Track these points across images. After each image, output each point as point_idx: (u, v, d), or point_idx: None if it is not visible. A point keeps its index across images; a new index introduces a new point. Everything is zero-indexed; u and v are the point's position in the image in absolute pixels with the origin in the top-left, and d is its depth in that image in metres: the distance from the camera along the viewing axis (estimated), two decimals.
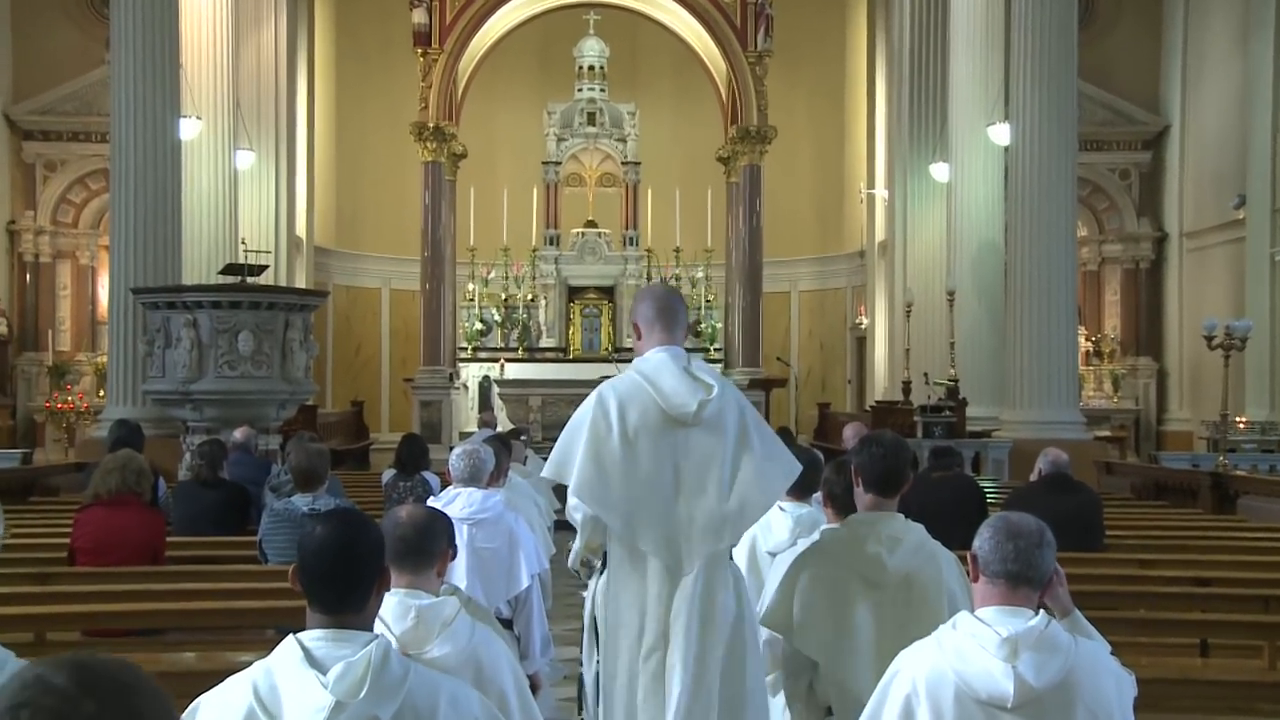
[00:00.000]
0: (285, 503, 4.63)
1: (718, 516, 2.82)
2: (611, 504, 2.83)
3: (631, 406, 2.88)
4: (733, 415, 2.90)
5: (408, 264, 19.08)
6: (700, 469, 2.84)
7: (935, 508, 5.36)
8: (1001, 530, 2.00)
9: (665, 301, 3.05)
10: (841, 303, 20.07)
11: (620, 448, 2.84)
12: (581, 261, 18.13)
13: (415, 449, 6.39)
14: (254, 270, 9.36)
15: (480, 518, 4.02)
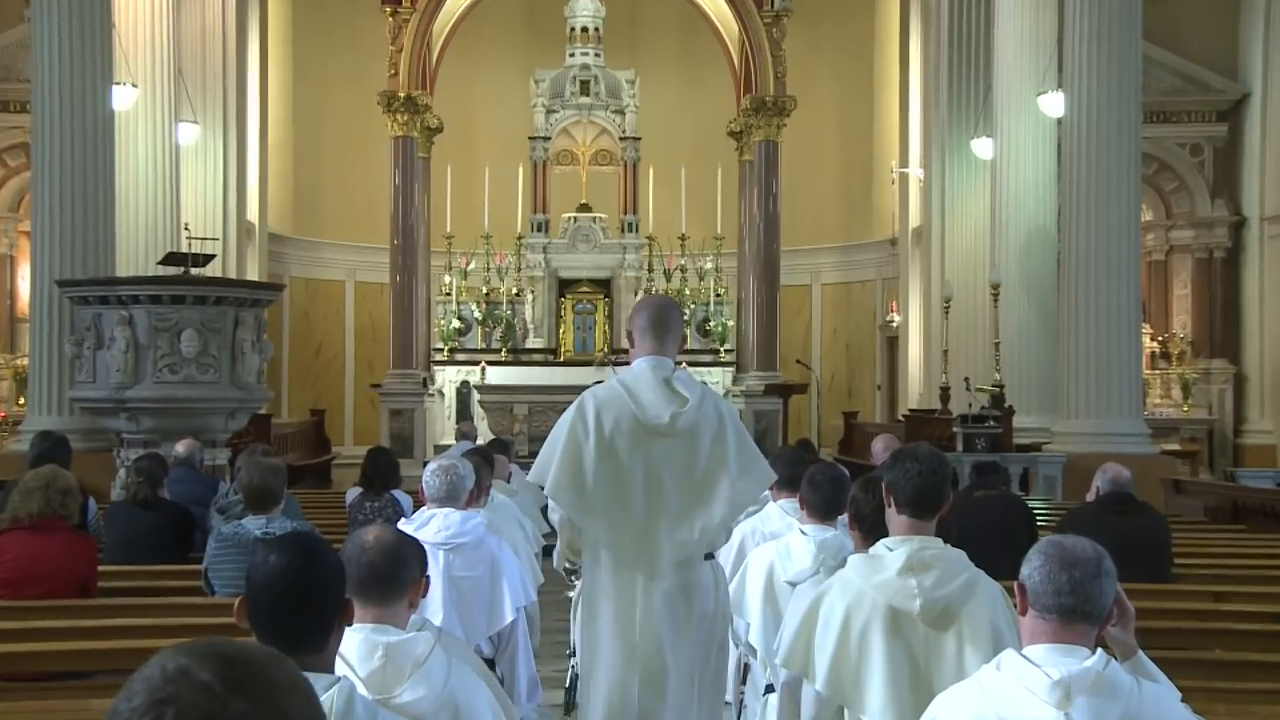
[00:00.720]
0: (234, 526, 4.64)
1: (688, 524, 3.40)
2: (585, 507, 3.41)
3: (608, 414, 3.45)
4: (710, 426, 3.46)
5: (375, 253, 19.10)
6: (674, 477, 3.42)
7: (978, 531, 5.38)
8: (1054, 557, 2.00)
9: (659, 313, 3.60)
10: (870, 297, 20.09)
11: (595, 453, 3.41)
12: (573, 251, 18.17)
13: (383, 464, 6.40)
14: (199, 260, 9.37)
15: (458, 542, 4.02)
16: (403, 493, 6.59)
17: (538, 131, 18.27)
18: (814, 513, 3.82)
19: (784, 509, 4.47)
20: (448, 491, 4.12)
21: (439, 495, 4.12)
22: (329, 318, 19.97)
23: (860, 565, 2.73)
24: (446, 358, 17.87)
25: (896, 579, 2.66)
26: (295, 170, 19.77)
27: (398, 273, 17.48)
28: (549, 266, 18.10)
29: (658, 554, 3.39)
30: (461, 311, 18.02)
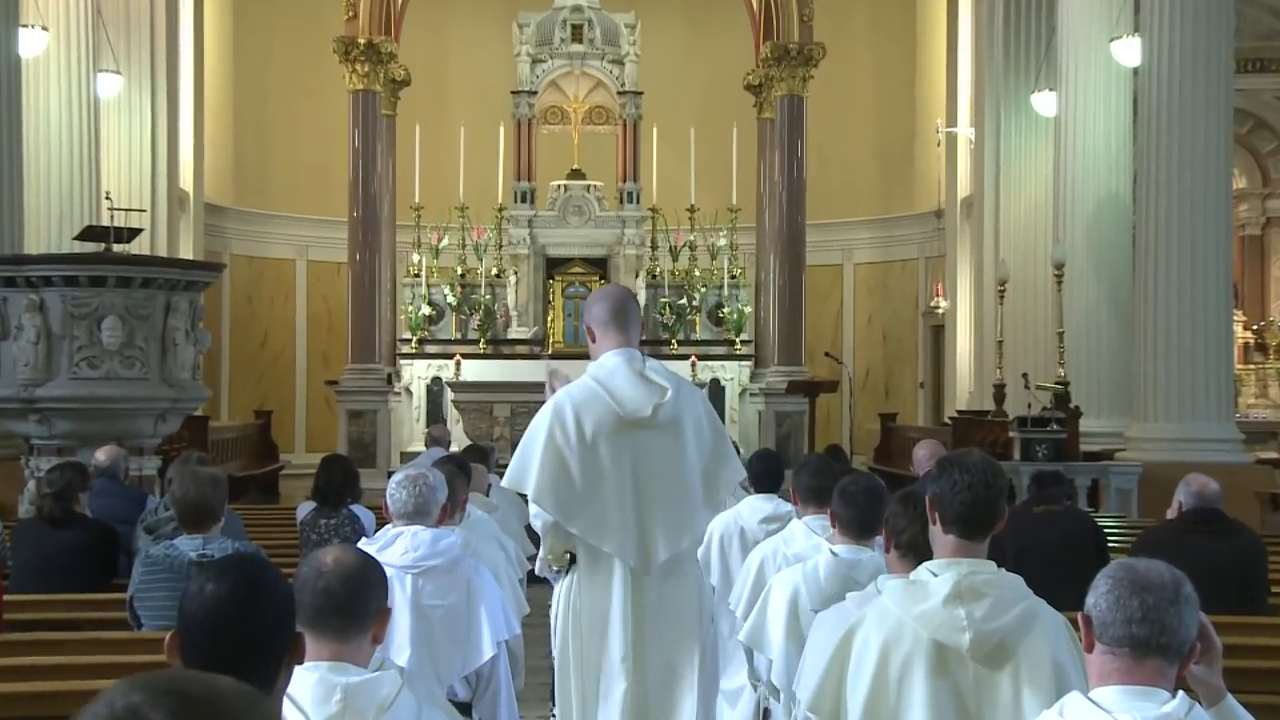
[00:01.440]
0: (165, 547, 4.64)
1: (678, 518, 3.98)
2: (572, 509, 3.92)
3: (587, 412, 3.94)
4: (690, 416, 4.04)
5: (331, 227, 19.12)
6: (659, 471, 3.98)
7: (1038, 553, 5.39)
8: (1124, 582, 2.01)
9: (618, 303, 4.11)
10: (912, 279, 20.11)
11: (579, 453, 3.92)
12: (564, 224, 18.19)
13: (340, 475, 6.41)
14: (123, 235, 9.35)
15: (429, 565, 4.03)
16: (363, 508, 6.59)
17: (522, 85, 18.26)
18: (847, 530, 3.83)
19: (810, 526, 4.48)
20: (416, 506, 4.12)
21: (405, 511, 4.12)
22: (276, 303, 20.00)
23: (899, 593, 2.72)
24: (415, 350, 17.90)
25: (942, 609, 2.65)
26: (236, 130, 19.78)
27: (358, 250, 17.50)
28: (535, 243, 18.12)
29: (654, 550, 3.96)
30: (432, 296, 18.05)
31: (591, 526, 3.97)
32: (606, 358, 4.12)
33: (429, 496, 4.14)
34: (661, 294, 18.14)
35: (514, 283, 17.86)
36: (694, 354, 17.54)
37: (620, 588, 3.96)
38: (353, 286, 17.46)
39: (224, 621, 1.77)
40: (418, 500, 4.11)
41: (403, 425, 17.70)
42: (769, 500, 5.40)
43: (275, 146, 19.85)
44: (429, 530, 4.08)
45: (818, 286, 19.51)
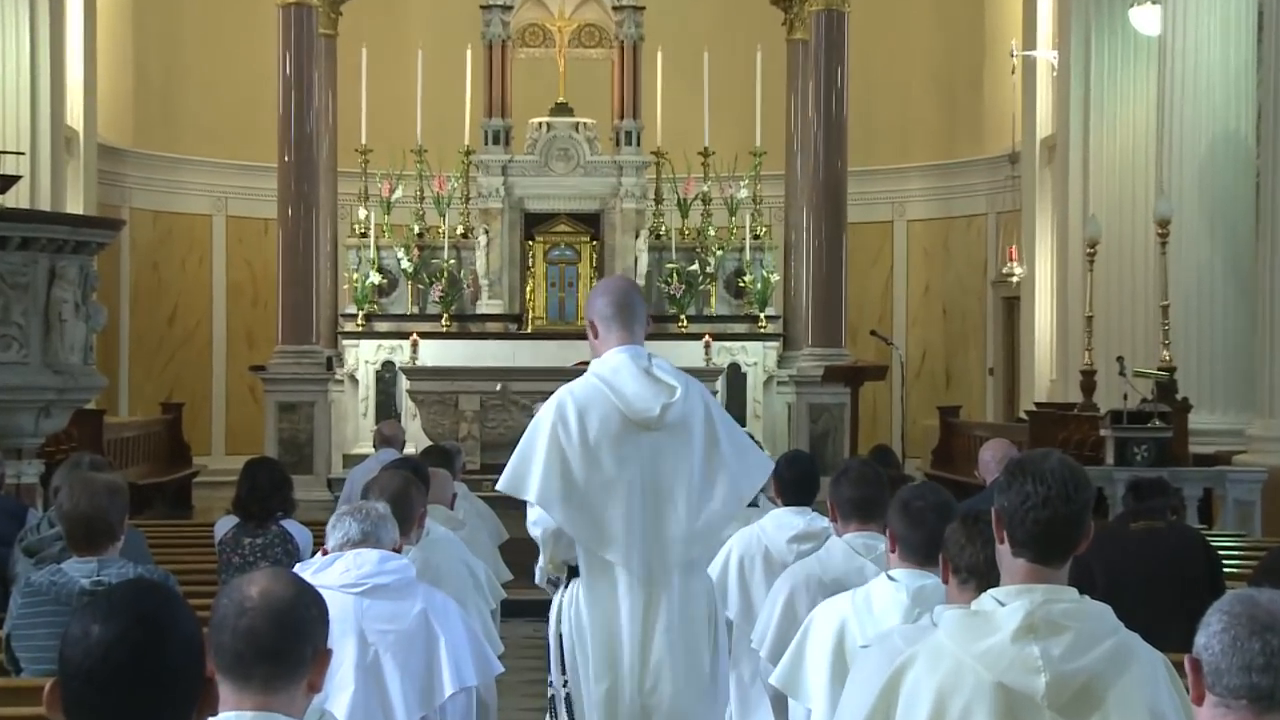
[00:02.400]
0: (51, 573, 4.64)
1: (689, 525, 4.55)
2: (578, 515, 4.49)
3: (592, 412, 4.52)
4: (699, 416, 4.63)
5: (257, 175, 19.13)
6: (668, 475, 4.56)
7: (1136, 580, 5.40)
8: (1243, 619, 2.02)
9: (623, 296, 4.73)
10: (979, 240, 20.13)
11: (583, 456, 4.48)
12: (546, 172, 18.21)
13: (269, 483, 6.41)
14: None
15: (376, 583, 4.06)
16: (297, 523, 6.61)
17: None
18: (910, 553, 3.84)
19: (852, 546, 4.50)
20: (363, 536, 4.18)
21: (351, 538, 4.18)
22: (189, 269, 20.03)
23: (958, 627, 2.71)
24: (362, 327, 17.93)
25: (1010, 646, 2.65)
26: (138, 55, 19.76)
27: (290, 204, 17.49)
28: (510, 196, 18.15)
29: (668, 558, 4.54)
30: (383, 260, 18.07)
31: (598, 535, 4.51)
32: (610, 355, 4.65)
33: (377, 530, 4.17)
34: (667, 258, 18.15)
35: (484, 244, 17.87)
36: (708, 333, 17.56)
37: (627, 600, 4.51)
38: (284, 249, 17.45)
39: (114, 670, 1.76)
40: (364, 529, 4.15)
41: (346, 421, 17.73)
42: (800, 514, 5.42)
43: (187, 75, 19.83)
44: (375, 551, 4.11)
45: (862, 249, 19.51)
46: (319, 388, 17.22)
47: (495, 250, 17.98)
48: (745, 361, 18.00)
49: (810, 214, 17.99)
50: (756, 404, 17.92)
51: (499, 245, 18.01)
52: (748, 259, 18.19)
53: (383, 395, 17.69)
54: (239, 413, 19.56)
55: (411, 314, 18.07)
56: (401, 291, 18.13)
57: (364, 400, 17.76)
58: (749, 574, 5.36)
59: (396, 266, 18.02)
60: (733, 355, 17.95)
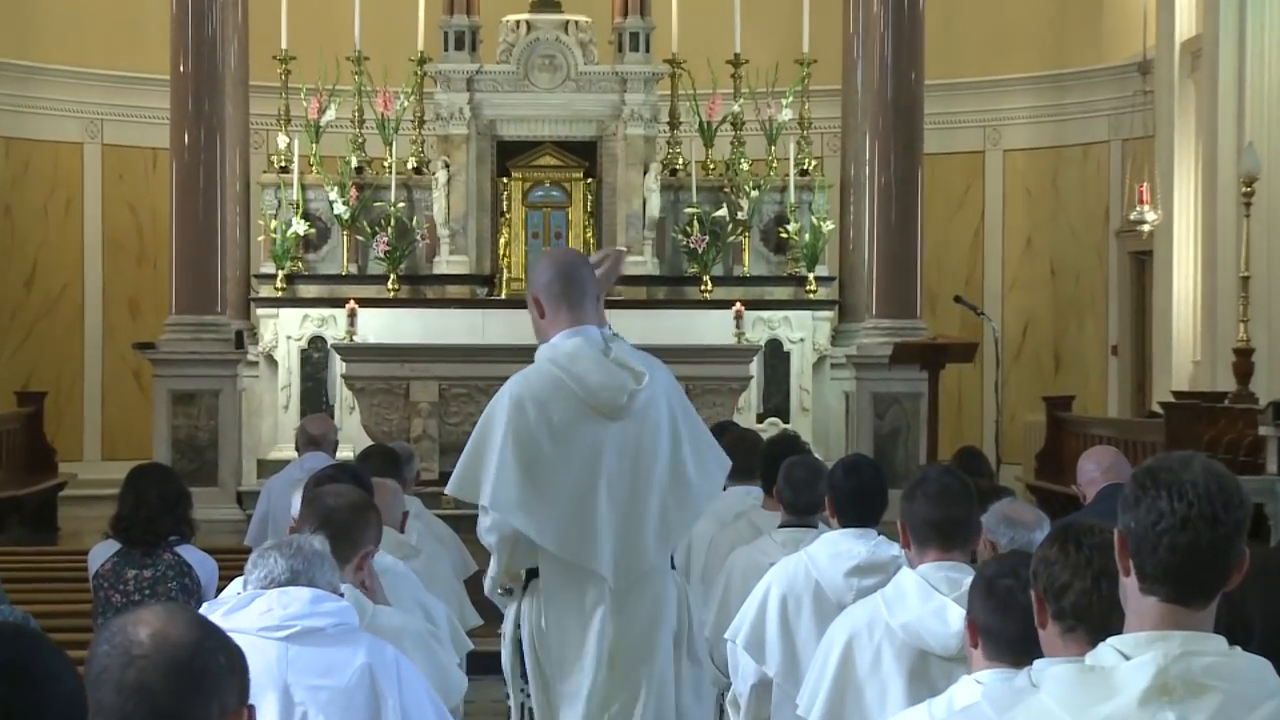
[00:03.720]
0: None
1: (658, 520, 5.43)
2: (544, 520, 5.28)
3: (553, 404, 5.31)
4: (662, 403, 5.48)
5: (142, 91, 19.13)
6: (633, 468, 5.40)
7: None
8: None
9: (569, 269, 5.51)
10: (1098, 177, 20.09)
11: (548, 453, 5.28)
12: (527, 86, 18.22)
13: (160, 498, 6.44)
14: None
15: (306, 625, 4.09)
16: (197, 550, 6.64)
17: None
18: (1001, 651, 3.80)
19: (929, 581, 4.52)
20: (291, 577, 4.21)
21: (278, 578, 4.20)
22: (52, 215, 20.00)
23: (1067, 688, 2.70)
24: (281, 292, 17.96)
25: (1139, 713, 2.65)
26: None
27: (186, 129, 17.43)
28: (479, 118, 18.18)
29: (642, 561, 5.41)
30: (311, 204, 18.11)
31: (570, 540, 5.32)
32: (562, 340, 5.43)
33: (313, 565, 4.19)
34: (686, 201, 18.19)
35: (443, 182, 17.88)
36: (739, 300, 17.56)
37: (595, 607, 5.37)
38: (178, 189, 17.41)
39: None
40: (293, 566, 4.17)
41: (261, 416, 17.76)
42: (862, 539, 5.44)
43: None
44: (307, 588, 4.14)
45: (944, 188, 19.48)
46: (226, 372, 17.20)
47: (458, 190, 17.99)
48: (789, 337, 18.02)
49: (875, 142, 17.92)
50: (804, 393, 17.95)
51: (463, 184, 18.02)
52: (792, 202, 18.21)
53: (310, 382, 17.73)
54: (119, 405, 19.55)
55: (348, 274, 18.11)
56: (335, 245, 18.16)
57: (285, 389, 17.79)
58: (794, 618, 5.39)
59: (328, 212, 18.05)
60: (772, 329, 17.97)
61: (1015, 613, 3.66)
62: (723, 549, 6.78)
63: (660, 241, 18.08)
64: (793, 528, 6.20)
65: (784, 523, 6.30)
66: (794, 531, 6.14)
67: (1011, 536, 4.95)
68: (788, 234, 18.19)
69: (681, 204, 18.16)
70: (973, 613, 3.79)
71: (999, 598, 3.72)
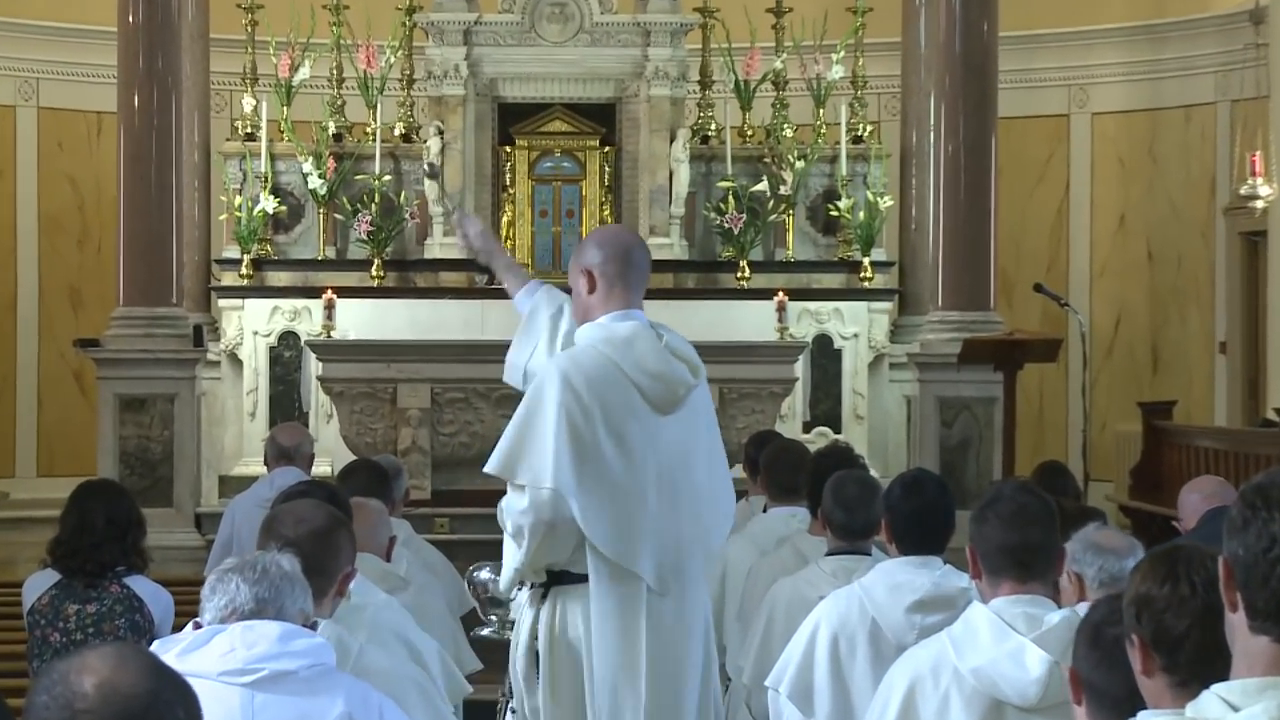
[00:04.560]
0: None
1: (700, 527, 5.97)
2: (601, 512, 5.67)
3: (608, 389, 5.72)
4: (707, 402, 6.10)
5: (83, 46, 19.16)
6: (679, 468, 5.87)
7: None
8: None
9: (632, 250, 6.01)
10: (1204, 144, 20.02)
11: (599, 439, 5.69)
12: (534, 40, 18.22)
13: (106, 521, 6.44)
14: None
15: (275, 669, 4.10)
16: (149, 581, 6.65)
17: None
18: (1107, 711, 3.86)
19: (1004, 619, 4.53)
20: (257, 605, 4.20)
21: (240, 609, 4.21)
22: None
23: None
24: (247, 279, 17.99)
25: None
26: None
27: (136, 90, 17.47)
28: (478, 76, 18.19)
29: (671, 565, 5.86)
30: (281, 177, 18.16)
31: (623, 538, 5.76)
32: (611, 321, 5.83)
33: (281, 591, 4.20)
34: (719, 173, 18.20)
35: (437, 151, 17.85)
36: (781, 289, 17.56)
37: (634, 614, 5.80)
38: (127, 159, 17.43)
39: None
40: (258, 594, 4.17)
41: (224, 425, 17.79)
42: (925, 568, 5.45)
43: None
44: (275, 623, 4.14)
45: (1023, 158, 19.44)
46: (182, 373, 17.23)
47: (454, 161, 17.99)
48: (840, 332, 18.01)
49: (941, 104, 17.89)
50: (857, 398, 17.93)
51: (459, 153, 18.01)
52: (844, 174, 18.21)
53: (280, 385, 17.76)
54: (58, 412, 19.58)
55: (325, 259, 18.14)
56: (309, 225, 18.19)
57: (252, 393, 17.81)
58: (846, 662, 5.40)
59: (301, 186, 18.07)
60: (820, 323, 17.96)
61: (1127, 667, 3.41)
62: (763, 581, 6.79)
63: (690, 221, 18.08)
64: (844, 555, 6.22)
65: (833, 549, 6.31)
66: (845, 560, 6.16)
67: (1100, 566, 4.93)
68: (839, 211, 18.16)
69: (714, 177, 18.15)
70: (1076, 664, 3.67)
71: (1106, 648, 3.60)
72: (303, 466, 9.52)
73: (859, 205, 18.08)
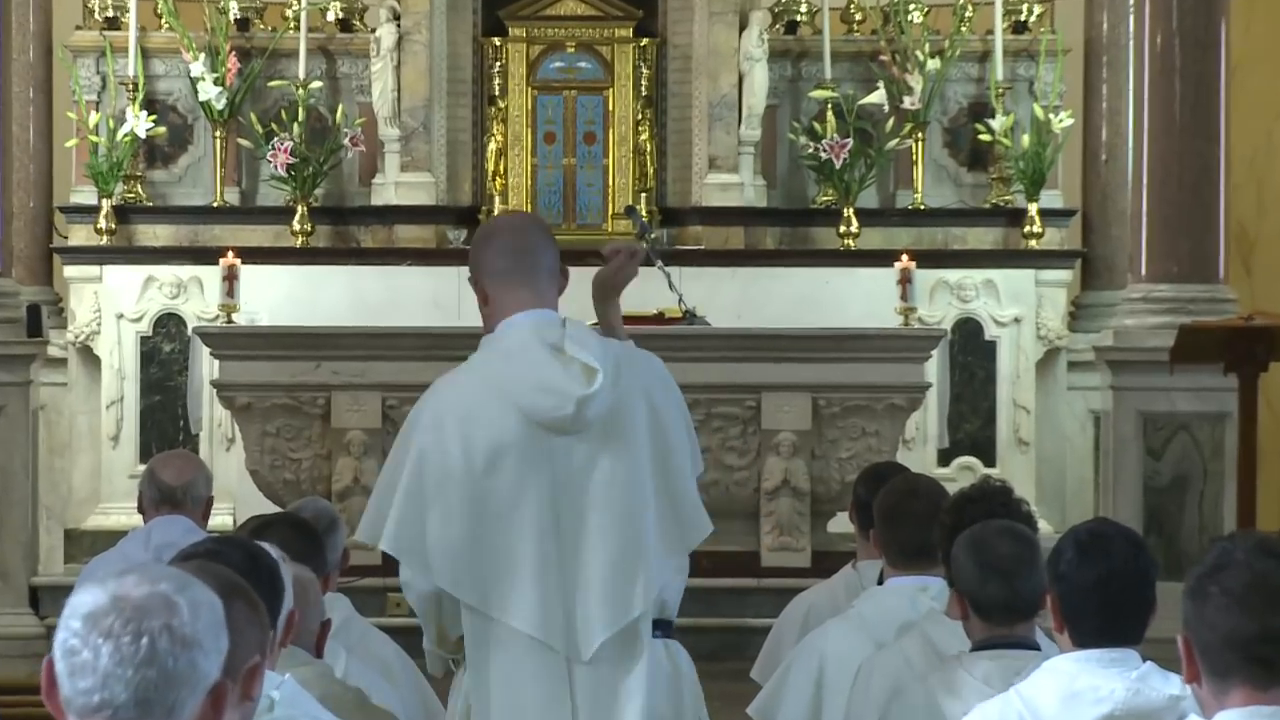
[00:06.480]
0: None
1: (624, 570, 6.59)
2: (458, 565, 6.53)
3: (478, 419, 6.62)
4: (635, 409, 6.69)
5: None
6: (591, 499, 6.60)
7: None
8: None
9: (519, 236, 6.97)
10: None
11: (468, 482, 6.54)
12: None
13: None
14: None
15: None
16: None
17: None
18: None
19: None
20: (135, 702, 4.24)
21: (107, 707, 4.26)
22: None
23: None
24: (107, 234, 18.10)
25: None
26: None
27: None
28: None
29: (589, 624, 6.54)
30: (158, 84, 18.36)
31: (493, 592, 6.58)
32: (505, 329, 6.78)
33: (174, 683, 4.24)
34: (812, 77, 18.38)
35: (390, 45, 18.00)
36: (906, 252, 17.61)
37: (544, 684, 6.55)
38: None
39: None
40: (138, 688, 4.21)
41: (73, 453, 17.93)
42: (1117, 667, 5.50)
43: None
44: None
45: (1261, 64, 19.47)
46: (10, 376, 17.37)
47: (415, 60, 18.14)
48: (995, 315, 18.08)
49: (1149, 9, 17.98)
50: (1020, 414, 18.00)
51: (424, 48, 18.17)
52: (999, 80, 18.33)
53: (158, 395, 17.91)
54: None
55: (224, 206, 18.29)
56: (200, 156, 18.36)
57: (114, 406, 17.93)
58: None
59: (189, 98, 18.22)
60: (965, 301, 18.06)
61: None
62: (879, 687, 6.84)
63: (769, 149, 18.19)
64: (997, 649, 6.24)
65: (982, 641, 6.34)
66: (998, 658, 6.18)
67: None
68: (991, 135, 18.24)
69: (805, 84, 18.27)
70: None
71: None
72: (195, 516, 9.50)
73: (1022, 126, 18.15)
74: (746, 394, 15.08)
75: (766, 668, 8.49)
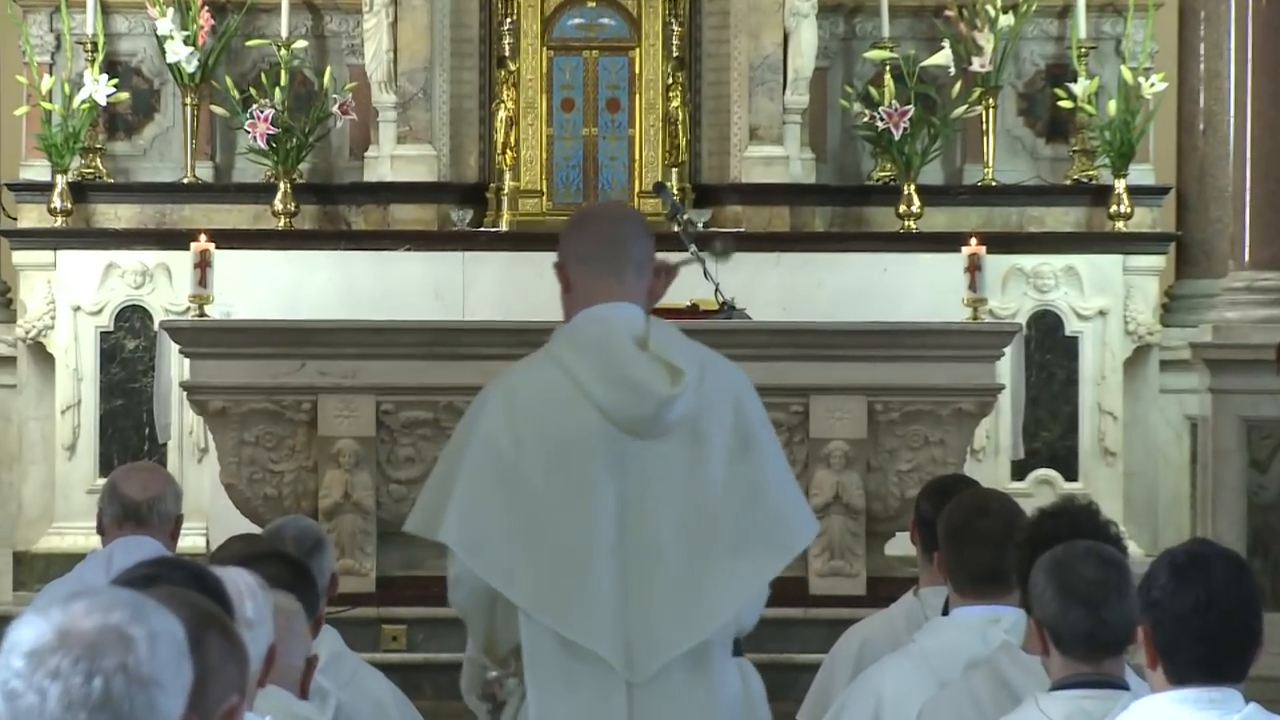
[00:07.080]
0: None
1: (693, 587, 6.78)
2: (517, 567, 6.73)
3: (550, 409, 6.86)
4: (720, 415, 6.95)
5: None
6: (663, 509, 6.81)
7: None
8: None
9: (610, 226, 7.36)
10: None
11: (535, 480, 6.78)
12: None
13: None
14: None
15: None
16: None
17: None
18: None
19: None
20: None
21: None
22: None
23: None
24: (62, 215, 18.14)
25: None
26: None
27: None
28: None
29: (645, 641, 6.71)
30: (120, 45, 18.45)
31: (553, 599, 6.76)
32: (584, 319, 7.05)
33: None
34: (868, 36, 18.53)
35: (384, 2, 18.00)
36: (975, 232, 17.61)
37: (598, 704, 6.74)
38: None
39: None
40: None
41: (23, 466, 17.97)
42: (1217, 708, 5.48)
43: None
44: None
45: None
46: None
47: (415, 18, 18.15)
48: (1077, 308, 18.10)
49: None
50: (1106, 419, 17.99)
51: (423, 5, 18.18)
52: (1081, 39, 18.36)
53: (120, 398, 17.95)
54: None
55: (195, 183, 18.34)
56: (168, 126, 18.41)
57: (70, 411, 17.98)
58: None
59: (156, 60, 18.25)
60: (1042, 292, 18.09)
61: None
62: None
63: (818, 118, 18.20)
64: (1080, 688, 6.23)
65: (1063, 679, 6.32)
66: (1081, 698, 6.17)
67: None
68: (1072, 102, 18.27)
69: (860, 43, 18.30)
70: None
71: None
72: (161, 537, 9.51)
73: (1108, 91, 18.13)
74: (793, 397, 15.00)
75: (815, 710, 8.45)
